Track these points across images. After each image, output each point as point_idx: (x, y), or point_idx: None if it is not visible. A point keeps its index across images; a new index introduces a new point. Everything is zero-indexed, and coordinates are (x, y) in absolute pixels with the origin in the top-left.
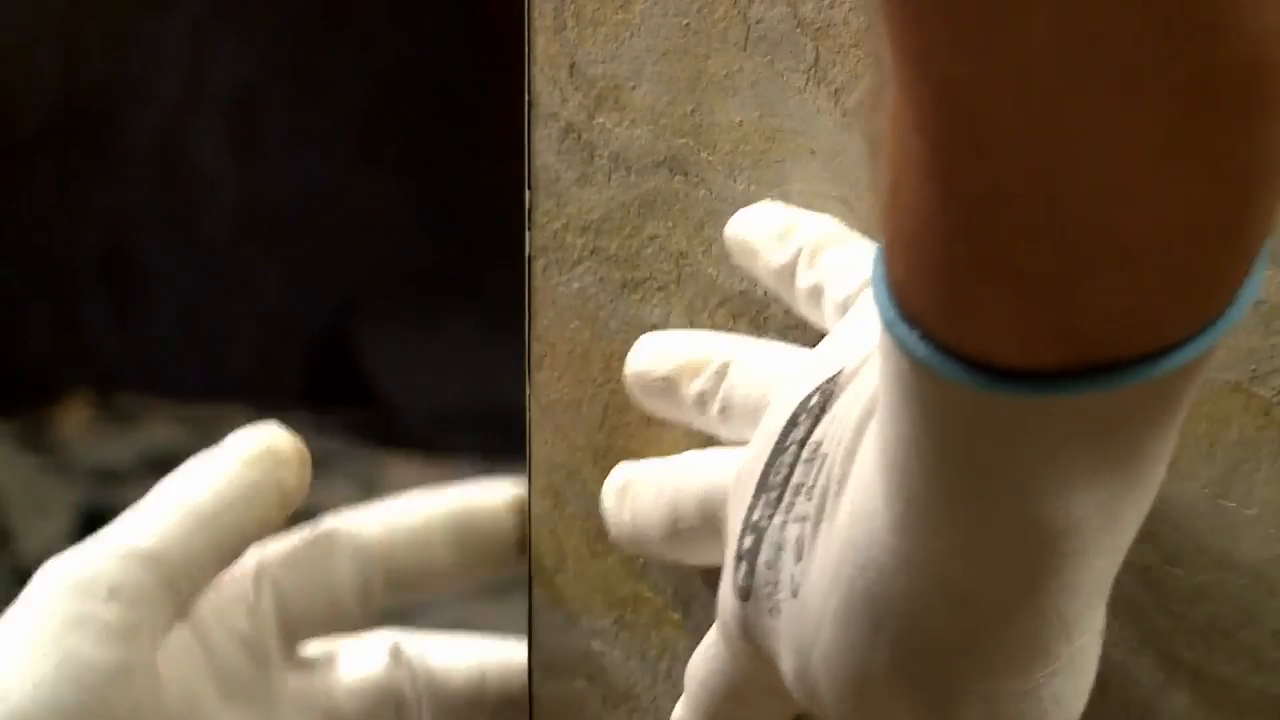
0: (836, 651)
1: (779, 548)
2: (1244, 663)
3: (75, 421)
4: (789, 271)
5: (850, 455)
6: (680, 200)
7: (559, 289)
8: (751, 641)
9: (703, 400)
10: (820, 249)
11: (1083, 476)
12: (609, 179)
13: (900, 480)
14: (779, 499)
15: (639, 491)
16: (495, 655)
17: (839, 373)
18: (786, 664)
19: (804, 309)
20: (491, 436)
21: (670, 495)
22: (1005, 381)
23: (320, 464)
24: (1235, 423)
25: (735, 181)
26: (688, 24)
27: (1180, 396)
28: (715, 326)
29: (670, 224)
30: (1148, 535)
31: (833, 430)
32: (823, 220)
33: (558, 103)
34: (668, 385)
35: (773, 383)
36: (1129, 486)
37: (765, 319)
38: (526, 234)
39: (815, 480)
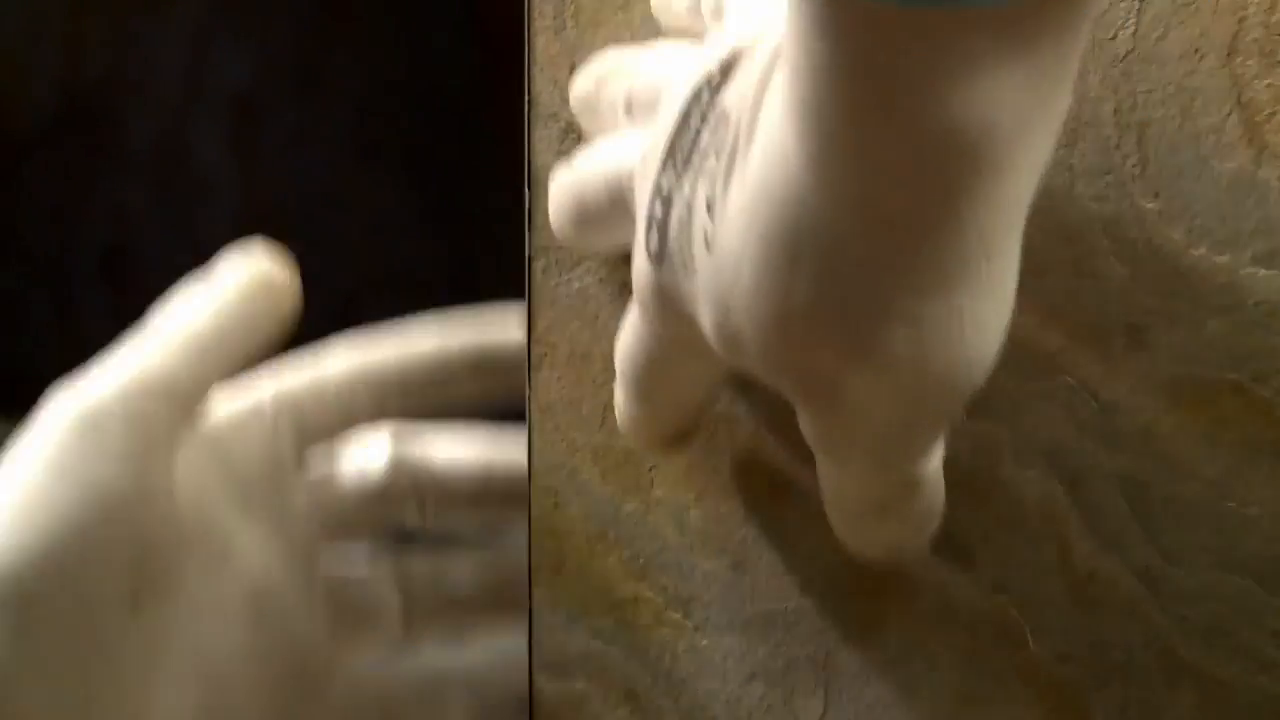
0: (757, 292)
1: (689, 208)
2: (1244, 663)
3: None
4: (696, 5)
5: (757, 107)
6: None
7: (559, 289)
8: (668, 306)
9: (614, 102)
10: None
11: (996, 84)
12: None
13: (813, 114)
14: (687, 163)
15: (555, 187)
16: (497, 450)
17: (736, 47)
18: (707, 319)
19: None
20: None
21: (575, 181)
22: None
23: None
24: (1235, 423)
25: None
26: None
27: (1084, 4)
28: None
29: None
30: (1148, 535)
31: (737, 93)
32: None
33: (558, 103)
34: (591, 99)
35: (672, 70)
36: (1041, 96)
37: None
38: (526, 234)
39: (723, 141)
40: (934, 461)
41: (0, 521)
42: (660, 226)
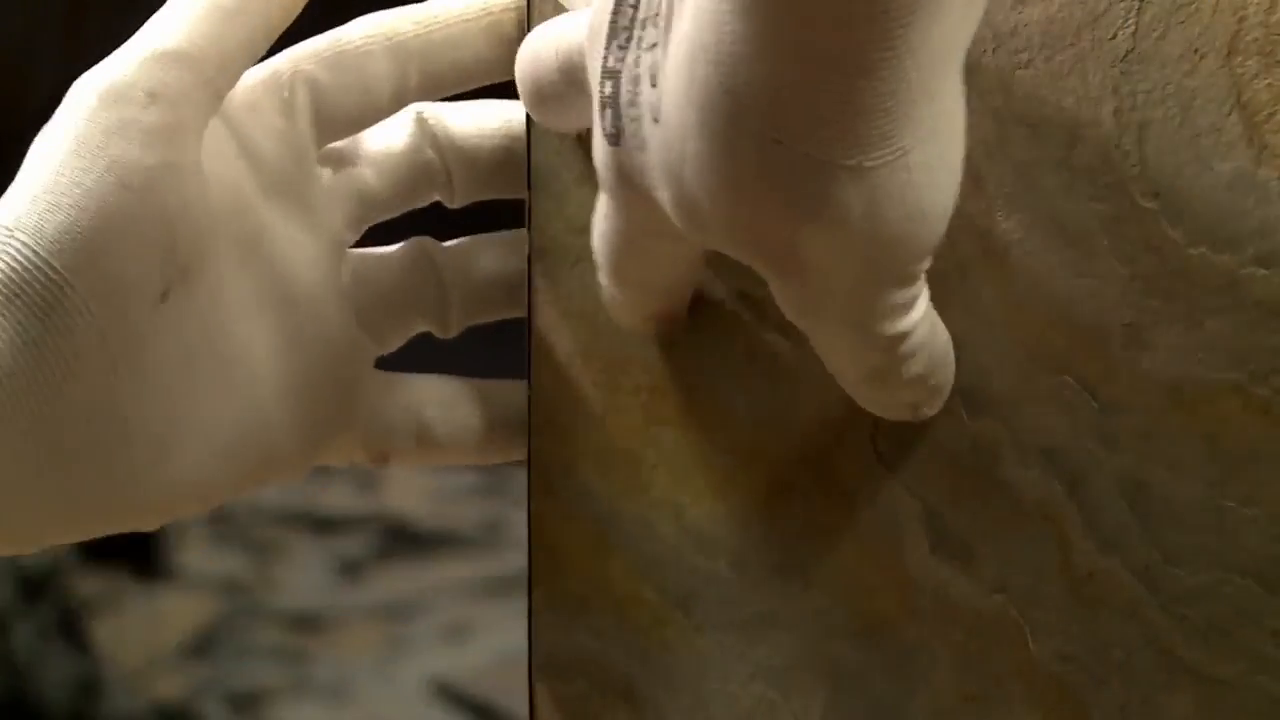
0: (704, 158)
1: (636, 82)
2: (1244, 663)
3: None
4: None
5: None
6: None
7: (559, 289)
8: (630, 186)
9: None
10: None
11: None
12: None
13: None
14: (629, 38)
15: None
16: (518, 119)
17: None
18: (664, 194)
19: None
20: None
21: (531, 63)
22: None
23: (319, 465)
24: (1235, 423)
25: None
26: None
27: None
28: (716, 326)
29: None
30: (1148, 535)
31: None
32: None
33: None
34: None
35: None
36: None
37: (765, 318)
38: (527, 234)
39: (659, 4)
40: (913, 319)
41: (29, 205)
42: (612, 105)
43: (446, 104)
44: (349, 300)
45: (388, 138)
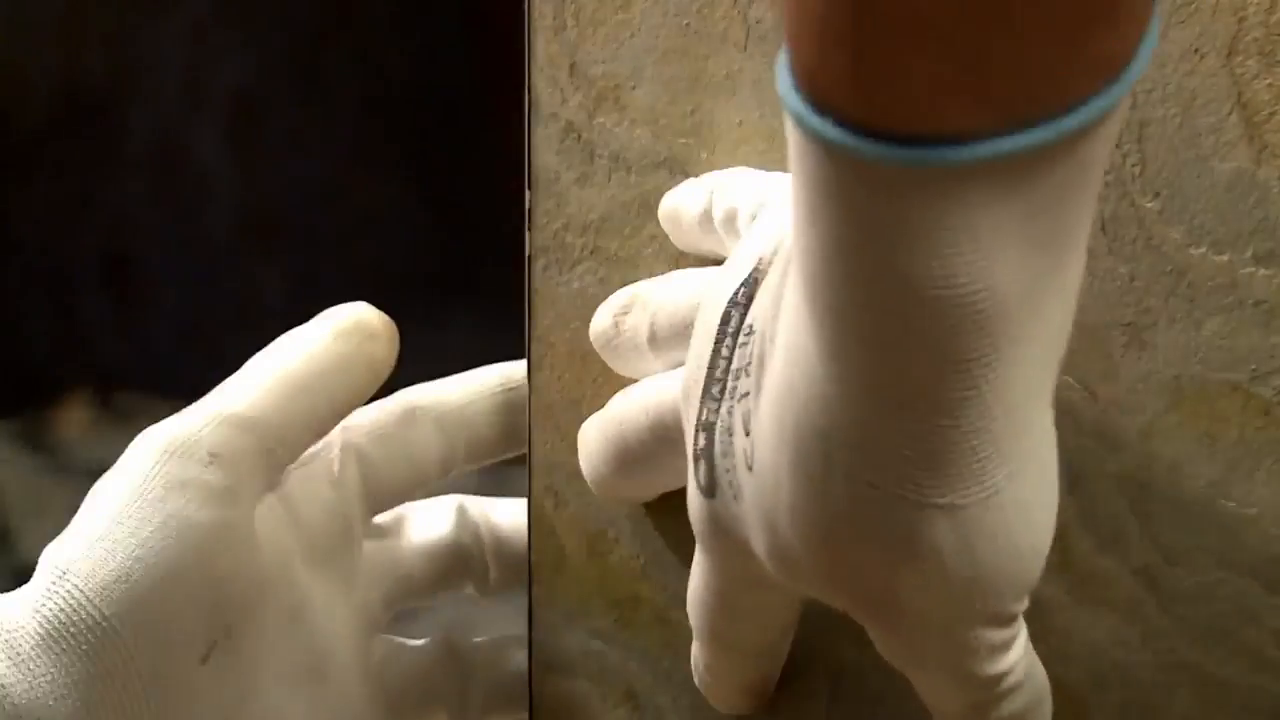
0: (799, 502)
1: (730, 432)
2: (1244, 663)
3: (75, 421)
4: (708, 214)
5: (776, 310)
6: None
7: (559, 289)
8: (725, 537)
9: (635, 336)
10: (731, 180)
11: (1004, 251)
12: (609, 179)
13: (825, 296)
14: (723, 390)
15: (588, 436)
16: None
17: (759, 260)
18: (760, 544)
19: (728, 244)
20: None
21: (616, 427)
22: (923, 148)
23: None
24: (1235, 423)
25: None
26: (688, 24)
27: (1094, 161)
28: None
29: None
30: (1148, 535)
31: (760, 305)
32: (734, 169)
33: (558, 103)
34: (610, 335)
35: (693, 296)
36: (1050, 265)
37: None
38: (526, 234)
39: (751, 355)
40: (1011, 659)
41: (84, 550)
42: (706, 457)
43: (490, 499)
44: (377, 684)
45: (431, 526)
